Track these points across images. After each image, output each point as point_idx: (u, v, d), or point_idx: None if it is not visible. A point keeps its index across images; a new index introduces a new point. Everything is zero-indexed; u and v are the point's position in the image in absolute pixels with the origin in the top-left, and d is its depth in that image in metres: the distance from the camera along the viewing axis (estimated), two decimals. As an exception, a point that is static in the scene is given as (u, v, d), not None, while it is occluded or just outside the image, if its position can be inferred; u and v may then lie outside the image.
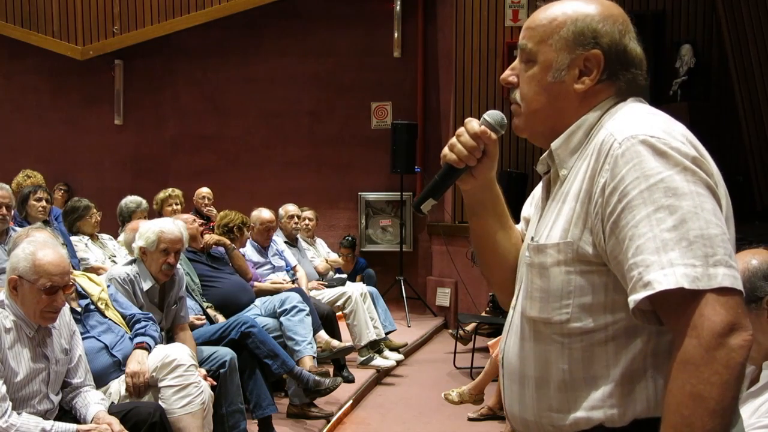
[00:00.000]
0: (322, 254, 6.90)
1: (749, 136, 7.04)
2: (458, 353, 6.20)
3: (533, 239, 1.42)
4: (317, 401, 4.57)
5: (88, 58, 8.98)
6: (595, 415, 1.33)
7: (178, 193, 6.61)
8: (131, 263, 3.87)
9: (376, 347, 5.77)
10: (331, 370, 5.13)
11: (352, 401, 5.07)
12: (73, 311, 3.20)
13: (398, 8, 8.52)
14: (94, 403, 2.97)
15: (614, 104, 1.40)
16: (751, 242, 2.03)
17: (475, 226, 1.62)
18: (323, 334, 5.05)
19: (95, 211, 5.61)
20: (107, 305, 3.46)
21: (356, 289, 5.91)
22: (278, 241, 6.07)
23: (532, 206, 1.60)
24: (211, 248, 5.00)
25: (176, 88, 9.09)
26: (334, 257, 7.06)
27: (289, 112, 8.86)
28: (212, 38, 8.87)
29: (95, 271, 4.81)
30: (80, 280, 3.45)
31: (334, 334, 5.30)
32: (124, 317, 3.48)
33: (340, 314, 5.76)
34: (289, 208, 6.44)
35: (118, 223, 6.10)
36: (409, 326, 7.21)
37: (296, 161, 8.82)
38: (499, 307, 6.33)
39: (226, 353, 3.75)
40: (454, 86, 7.87)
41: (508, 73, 1.48)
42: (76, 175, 9.12)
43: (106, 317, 3.40)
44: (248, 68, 8.87)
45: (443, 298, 7.98)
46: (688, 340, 1.18)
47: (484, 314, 6.69)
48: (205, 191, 7.10)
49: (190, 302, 4.23)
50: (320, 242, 7.14)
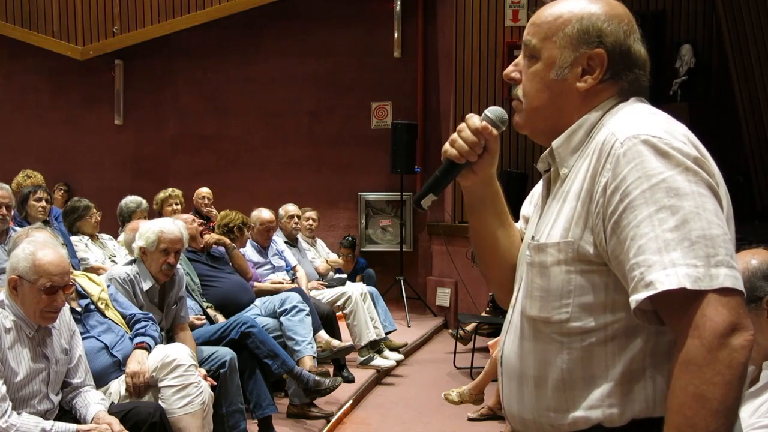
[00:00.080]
0: (322, 255, 6.90)
1: (749, 136, 7.04)
2: (458, 353, 6.20)
3: (534, 238, 1.42)
4: (317, 401, 4.57)
5: (88, 58, 8.97)
6: (593, 414, 1.33)
7: (178, 193, 6.60)
8: (131, 263, 3.87)
9: (376, 347, 5.77)
10: (331, 370, 5.13)
11: (352, 401, 5.06)
12: (73, 311, 3.20)
13: (398, 8, 8.52)
14: (94, 403, 2.98)
15: (616, 104, 1.40)
16: (751, 242, 2.03)
17: (474, 223, 1.62)
18: (323, 334, 5.05)
19: (95, 211, 5.61)
20: (107, 305, 3.46)
21: (356, 289, 5.91)
22: (278, 241, 6.07)
23: (531, 205, 1.60)
24: (211, 248, 5.00)
25: (176, 88, 9.08)
26: (333, 257, 7.06)
27: (289, 112, 8.86)
28: (212, 38, 8.86)
29: (95, 271, 4.80)
30: (80, 280, 3.45)
31: (334, 334, 5.29)
32: (124, 317, 3.49)
33: (340, 314, 5.76)
34: (289, 208, 6.43)
35: (118, 223, 6.10)
36: (409, 326, 7.21)
37: (296, 161, 8.81)
38: (499, 307, 6.31)
39: (226, 353, 3.75)
40: (454, 86, 7.86)
41: (511, 68, 1.48)
42: (76, 175, 9.11)
43: (106, 317, 3.40)
44: (248, 68, 8.86)
45: (443, 298, 7.98)
46: (690, 340, 1.18)
47: (484, 314, 6.68)
48: (205, 191, 7.10)
49: (190, 302, 4.22)
50: (320, 243, 7.14)
